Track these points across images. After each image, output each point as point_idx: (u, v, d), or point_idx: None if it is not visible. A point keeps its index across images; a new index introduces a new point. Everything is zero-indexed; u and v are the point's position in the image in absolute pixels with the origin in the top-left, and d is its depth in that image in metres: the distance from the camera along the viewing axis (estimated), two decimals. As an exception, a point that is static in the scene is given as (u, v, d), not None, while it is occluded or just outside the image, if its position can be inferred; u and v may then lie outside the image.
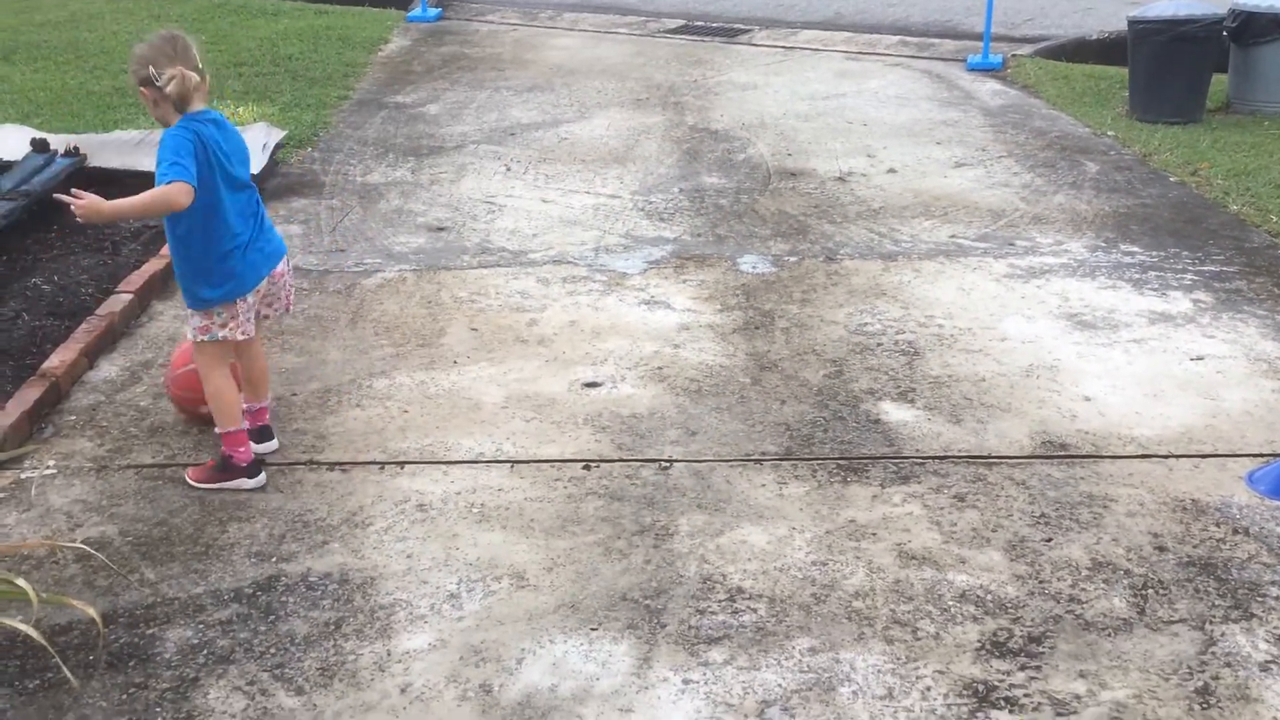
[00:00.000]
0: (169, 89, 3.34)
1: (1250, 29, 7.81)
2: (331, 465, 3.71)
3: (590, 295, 5.08)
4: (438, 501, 3.51)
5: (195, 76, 3.39)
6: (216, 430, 3.58)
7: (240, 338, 3.54)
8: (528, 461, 3.75)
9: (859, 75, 9.36)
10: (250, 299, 3.54)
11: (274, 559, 3.23)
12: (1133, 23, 7.93)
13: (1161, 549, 3.29)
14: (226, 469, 3.56)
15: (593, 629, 2.96)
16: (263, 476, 3.58)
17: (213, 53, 9.53)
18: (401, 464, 3.72)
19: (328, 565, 3.20)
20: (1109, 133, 7.61)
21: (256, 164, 6.16)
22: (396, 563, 3.21)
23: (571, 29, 11.32)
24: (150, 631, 2.96)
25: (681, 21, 11.52)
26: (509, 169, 6.90)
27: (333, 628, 2.95)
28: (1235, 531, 3.36)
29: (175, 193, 3.27)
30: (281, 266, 3.67)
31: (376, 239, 5.73)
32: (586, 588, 3.12)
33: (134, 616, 3.01)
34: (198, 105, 3.43)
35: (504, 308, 4.94)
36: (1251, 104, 7.98)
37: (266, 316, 3.70)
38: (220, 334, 3.50)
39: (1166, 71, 7.72)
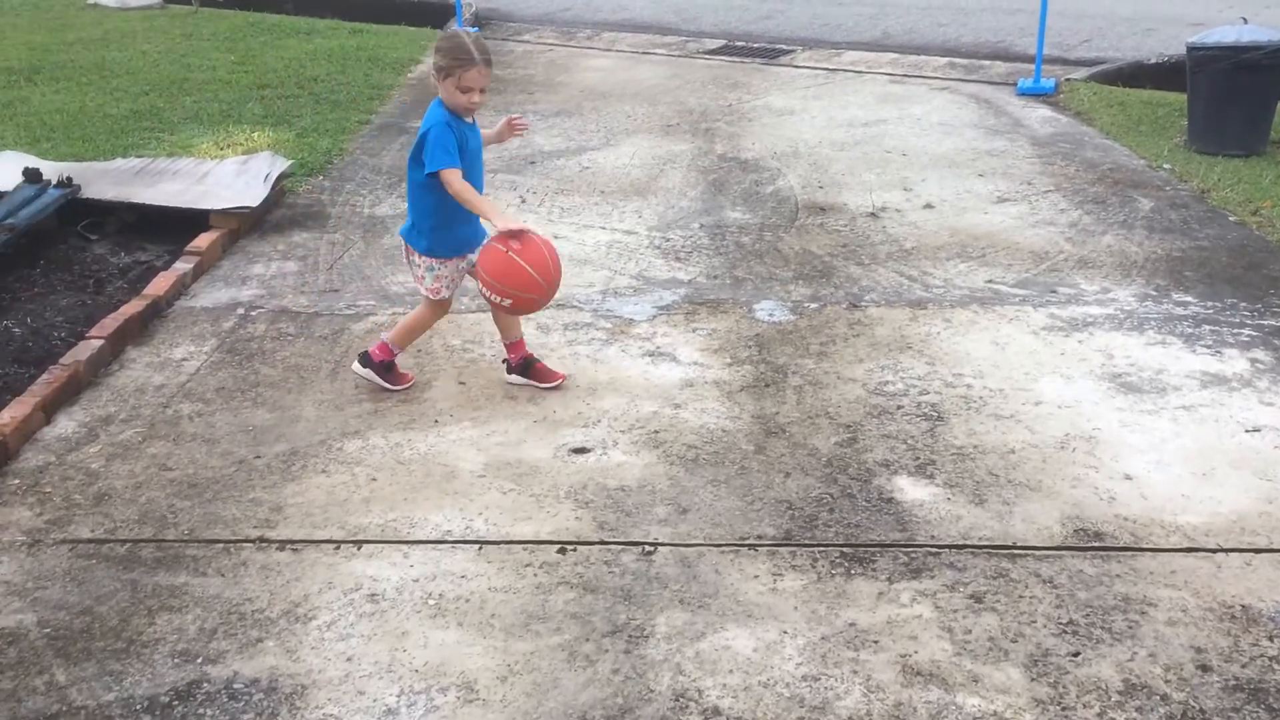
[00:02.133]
0: None
1: (1320, 55, 7.29)
2: (283, 544, 3.39)
3: (591, 345, 4.73)
4: (392, 591, 3.18)
5: None
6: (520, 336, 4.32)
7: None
8: (498, 542, 3.41)
9: (902, 100, 8.95)
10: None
11: (199, 660, 2.91)
12: (1192, 49, 7.45)
13: (1205, 668, 2.87)
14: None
15: (543, 756, 2.61)
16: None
17: (237, 74, 9.36)
18: (359, 543, 3.40)
19: (257, 669, 2.88)
20: (1165, 165, 7.14)
21: (257, 195, 5.91)
22: (334, 667, 2.88)
23: (609, 49, 11.01)
24: (54, 743, 2.66)
25: (722, 42, 11.16)
26: (524, 200, 6.58)
27: (250, 749, 2.63)
28: (1292, 648, 2.94)
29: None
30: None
31: (374, 278, 5.43)
32: (543, 704, 2.77)
33: (40, 723, 2.72)
34: None
35: (497, 359, 4.61)
36: (1321, 135, 7.46)
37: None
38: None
39: (1228, 101, 7.24)
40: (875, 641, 2.99)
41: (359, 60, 9.98)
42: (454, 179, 3.89)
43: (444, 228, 4.08)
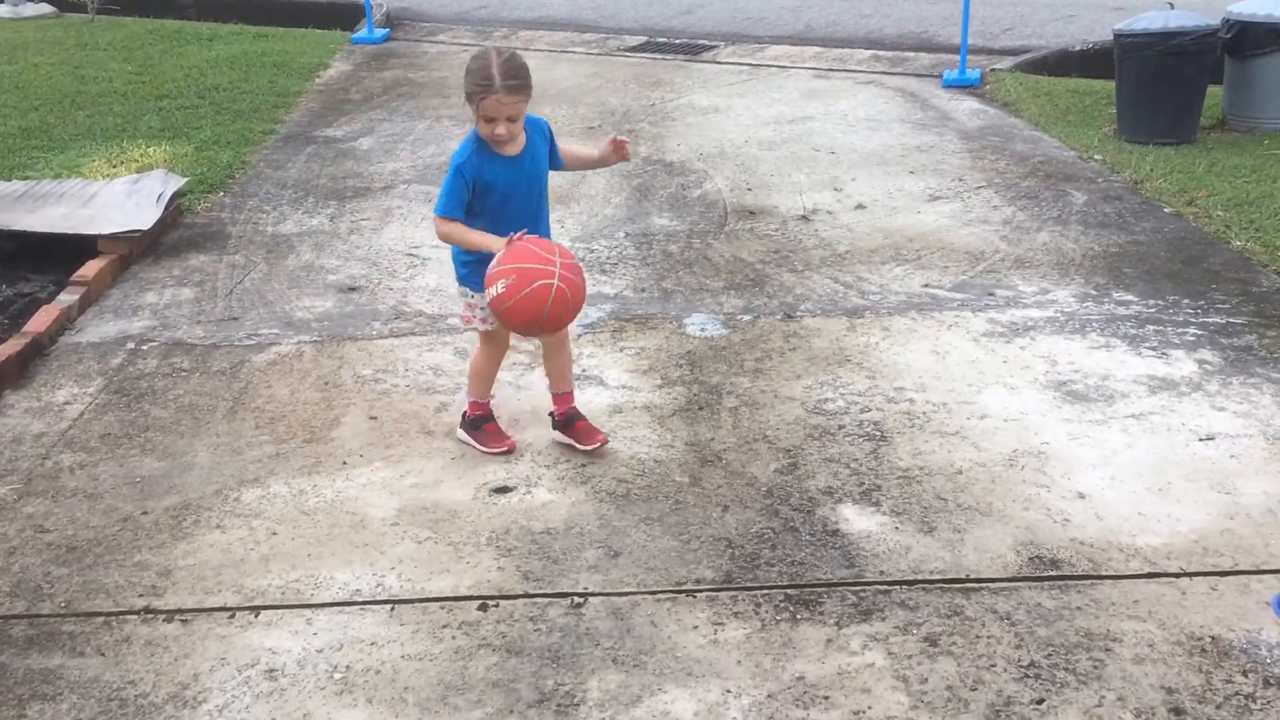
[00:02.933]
0: None
1: (1246, 40, 7.21)
2: (170, 614, 3.06)
3: (513, 370, 4.44)
4: (293, 665, 2.87)
5: None
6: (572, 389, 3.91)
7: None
8: (413, 601, 3.11)
9: (828, 95, 8.75)
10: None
11: (72, 760, 2.59)
12: (1119, 36, 7.33)
13: (1178, 711, 2.67)
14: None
15: None
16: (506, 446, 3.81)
17: (134, 85, 8.90)
18: (257, 609, 3.08)
19: (138, 768, 2.56)
20: (1096, 156, 7.01)
21: (149, 217, 5.54)
22: (227, 760, 2.58)
23: (526, 48, 10.66)
24: None
25: (643, 38, 10.89)
26: (439, 213, 6.25)
27: None
28: (1267, 683, 2.75)
29: None
30: None
31: (278, 303, 5.08)
32: (463, 790, 2.49)
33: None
34: None
35: (412, 388, 4.31)
36: (1249, 120, 7.38)
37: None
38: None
39: (1157, 88, 7.12)
40: (826, 697, 2.74)
41: (263, 66, 9.56)
42: (444, 227, 3.59)
43: (476, 260, 3.63)
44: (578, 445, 3.81)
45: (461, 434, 3.90)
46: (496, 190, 3.58)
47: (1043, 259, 5.44)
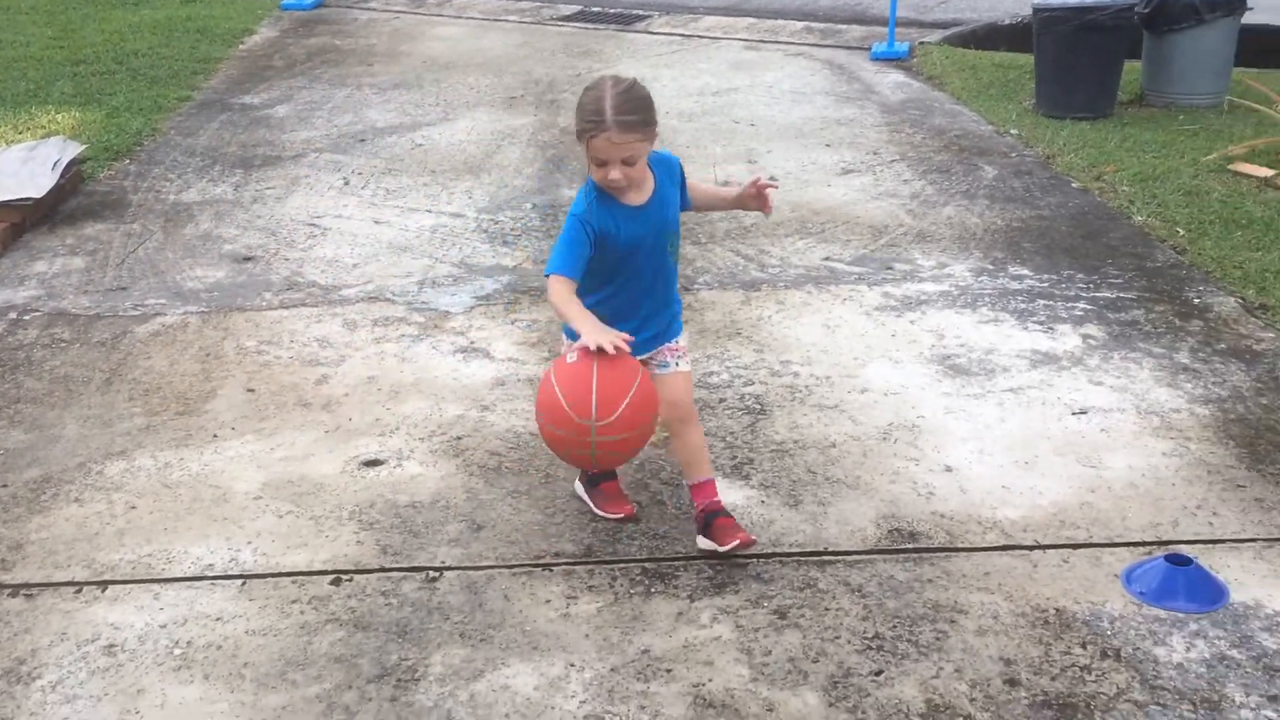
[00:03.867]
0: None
1: (1164, 15, 7.24)
2: (16, 589, 3.02)
3: (400, 342, 4.41)
4: (133, 641, 2.84)
5: None
6: (708, 478, 3.24)
7: None
8: (264, 575, 3.09)
9: (756, 67, 8.72)
10: None
11: (-107, 737, 2.55)
12: (1038, 10, 7.34)
13: (1013, 682, 2.70)
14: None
15: (279, 833, 2.32)
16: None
17: (51, 50, 8.74)
18: (104, 584, 3.05)
19: (-40, 745, 2.53)
20: (1012, 131, 7.03)
21: (43, 184, 5.44)
22: (52, 737, 2.55)
23: (458, 16, 10.58)
24: None
25: (578, 7, 10.81)
26: (347, 182, 6.19)
27: (-66, 846, 2.29)
28: (1104, 654, 2.78)
29: None
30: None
31: (169, 273, 5.01)
32: (289, 766, 2.48)
33: None
34: None
35: (295, 360, 4.26)
36: (1166, 96, 7.43)
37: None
38: None
39: (1074, 63, 7.14)
40: (668, 670, 2.75)
41: (186, 32, 9.41)
42: (557, 288, 2.91)
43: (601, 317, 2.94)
44: (717, 548, 3.08)
45: (579, 489, 3.39)
46: (617, 246, 2.96)
47: (945, 233, 5.46)
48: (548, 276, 2.94)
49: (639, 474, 3.55)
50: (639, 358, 2.99)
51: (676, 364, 3.17)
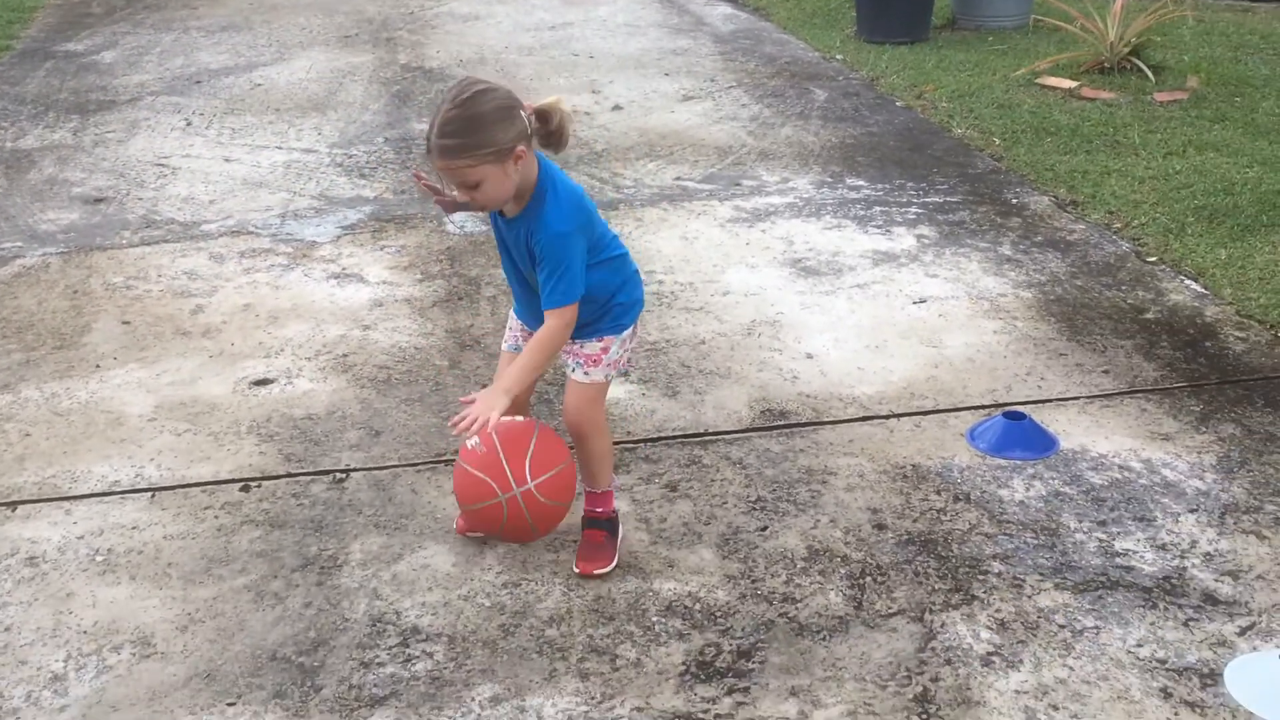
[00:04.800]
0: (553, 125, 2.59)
1: (969, -56, 7.72)
2: (-80, 517, 3.05)
3: (271, 272, 4.47)
4: (53, 552, 2.91)
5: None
6: (597, 489, 2.90)
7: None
8: (173, 488, 3.18)
9: (588, 2, 8.89)
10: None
11: None
12: (854, -59, 7.72)
13: (881, 527, 3.03)
14: (616, 530, 2.95)
15: (229, 704, 2.46)
16: None
17: None
18: (14, 504, 3.09)
19: (-106, 657, 2.58)
20: (838, 56, 7.42)
21: None
22: (-12, 642, 2.62)
23: (280, -41, 10.35)
24: None
25: (402, -52, 10.70)
26: (189, 123, 6.13)
27: (-112, 746, 2.36)
28: (956, 499, 3.14)
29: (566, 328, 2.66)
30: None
31: (20, 217, 4.92)
32: (229, 648, 2.61)
33: None
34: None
35: (166, 293, 4.29)
36: (976, 19, 7.94)
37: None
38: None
39: (891, -9, 7.56)
40: (574, 541, 2.98)
41: (-7, -21, 8.97)
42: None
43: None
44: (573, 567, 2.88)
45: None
46: (498, 240, 2.78)
47: (785, 151, 5.78)
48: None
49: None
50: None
51: (572, 370, 2.84)
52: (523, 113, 2.53)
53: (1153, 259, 4.53)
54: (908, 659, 2.59)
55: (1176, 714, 2.42)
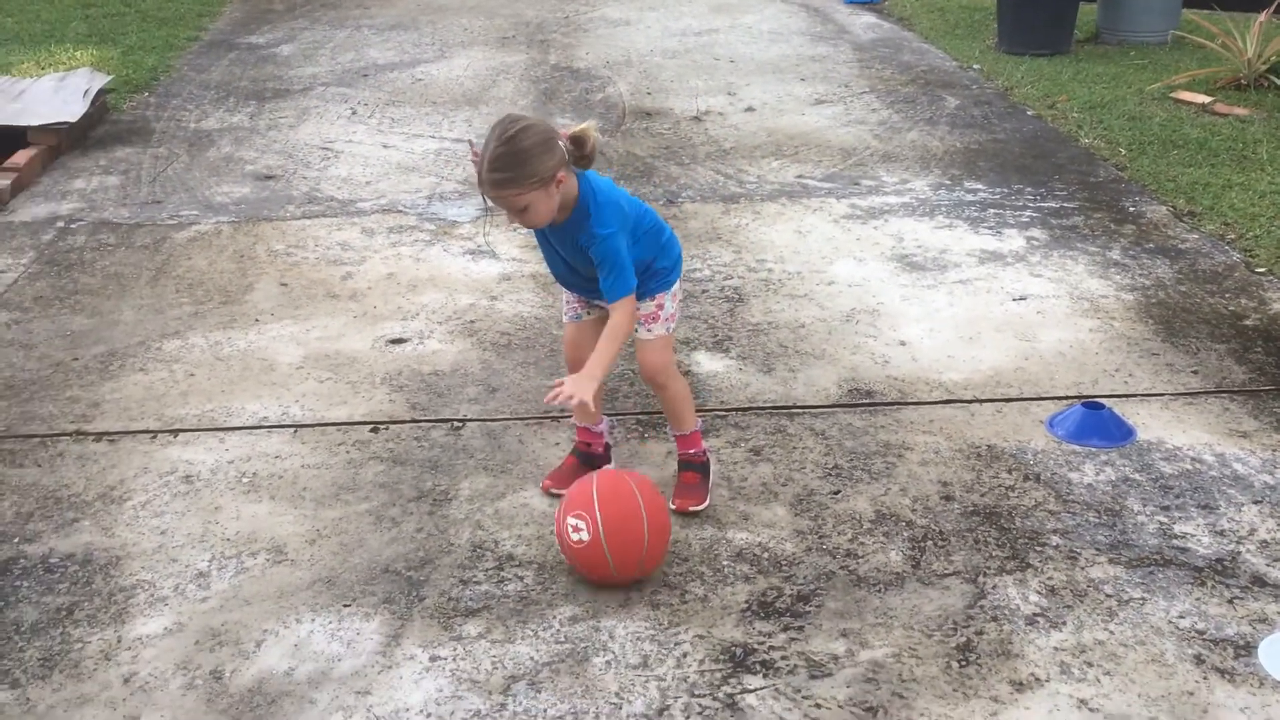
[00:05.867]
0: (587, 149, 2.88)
1: (1117, -42, 7.72)
2: (99, 436, 3.52)
3: (415, 246, 4.89)
4: (206, 472, 3.34)
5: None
6: (684, 432, 3.24)
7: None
8: (313, 425, 3.59)
9: (735, 10, 9.17)
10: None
11: (15, 540, 3.04)
12: (999, -47, 7.80)
13: (948, 498, 3.23)
14: (708, 472, 3.27)
15: (345, 605, 2.82)
16: None
17: (59, -7, 9.09)
18: (175, 432, 3.54)
19: (72, 545, 3.02)
20: (975, 66, 7.52)
21: (75, 110, 5.87)
22: (148, 540, 3.05)
23: (448, -36, 10.94)
24: (-128, 623, 2.78)
25: (563, -45, 11.17)
26: (354, 112, 6.64)
27: (64, 614, 2.78)
28: (1026, 478, 3.31)
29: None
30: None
31: (198, 189, 5.47)
32: (348, 560, 2.98)
33: None
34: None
35: (321, 261, 4.74)
36: (1119, 34, 7.93)
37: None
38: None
39: (1034, 3, 7.62)
40: (662, 491, 3.25)
41: (189, -23, 9.76)
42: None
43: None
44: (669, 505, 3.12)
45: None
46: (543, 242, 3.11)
47: (908, 154, 5.95)
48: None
49: (633, 348, 4.05)
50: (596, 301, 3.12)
51: (636, 331, 3.12)
52: (560, 142, 2.81)
53: (1262, 269, 4.56)
54: (956, 614, 2.79)
55: (1205, 679, 2.56)
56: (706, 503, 3.20)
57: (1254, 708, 2.49)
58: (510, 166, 2.75)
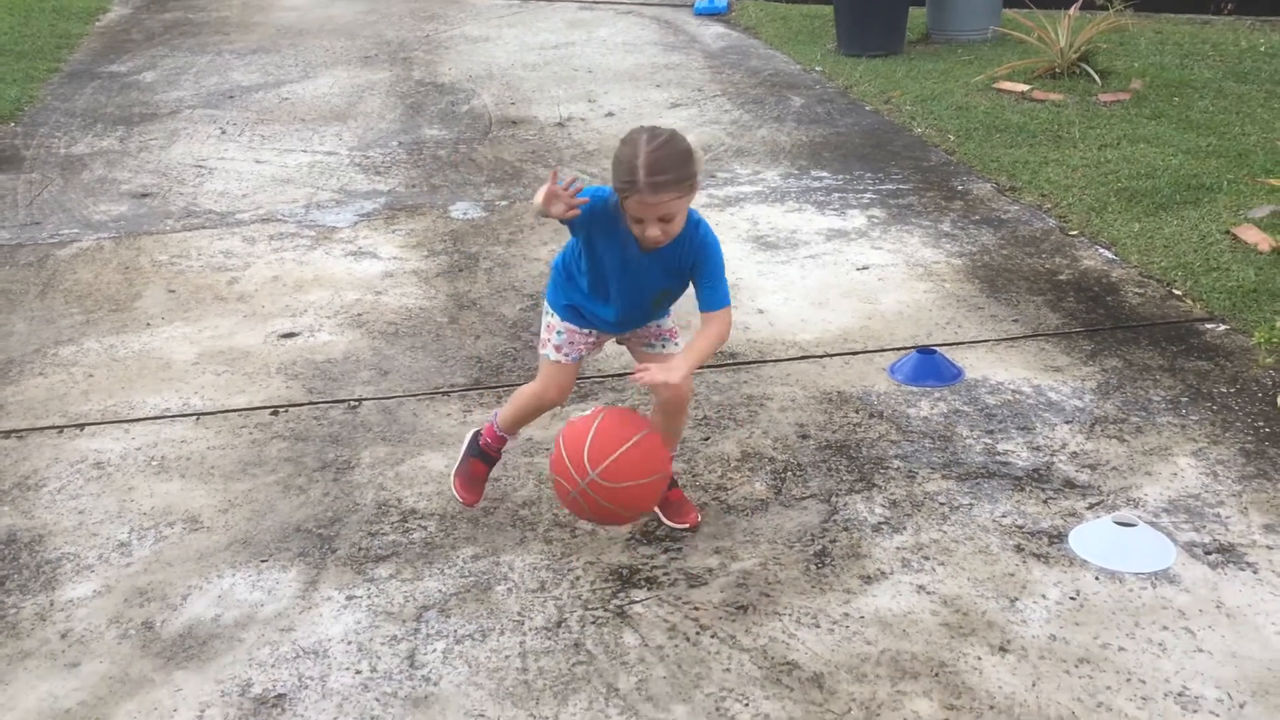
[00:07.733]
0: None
1: (940, -36, 8.34)
2: (7, 434, 3.67)
3: (297, 251, 5.11)
4: (116, 459, 3.54)
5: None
6: (675, 453, 3.23)
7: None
8: (214, 413, 3.80)
9: (590, 24, 9.56)
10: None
11: (-64, 528, 3.20)
12: (833, -38, 8.35)
13: (804, 436, 3.62)
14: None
15: (263, 561, 3.06)
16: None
17: (-92, 28, 8.99)
18: (81, 426, 3.72)
19: (-6, 528, 3.20)
20: (817, 68, 8.04)
21: (-56, 140, 5.91)
22: (68, 519, 3.24)
23: (305, -11, 11.10)
24: None
25: (419, -22, 11.44)
26: (224, 131, 6.80)
27: (-6, 586, 2.97)
28: (871, 416, 3.72)
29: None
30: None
31: (76, 209, 5.59)
32: (261, 524, 3.22)
33: None
34: None
35: (205, 268, 4.93)
36: (946, 33, 8.54)
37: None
38: None
39: (868, 7, 8.18)
40: (548, 451, 3.57)
41: (43, 12, 9.76)
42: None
43: (569, 282, 3.08)
44: (664, 520, 3.18)
45: (464, 449, 3.28)
46: (607, 267, 2.93)
47: (759, 149, 6.40)
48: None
49: (514, 330, 4.36)
50: (617, 335, 3.14)
51: (664, 347, 3.15)
52: None
53: (1074, 232, 5.11)
54: (813, 528, 3.17)
55: (1025, 563, 2.99)
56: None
57: (1065, 582, 2.92)
58: (674, 167, 2.65)
